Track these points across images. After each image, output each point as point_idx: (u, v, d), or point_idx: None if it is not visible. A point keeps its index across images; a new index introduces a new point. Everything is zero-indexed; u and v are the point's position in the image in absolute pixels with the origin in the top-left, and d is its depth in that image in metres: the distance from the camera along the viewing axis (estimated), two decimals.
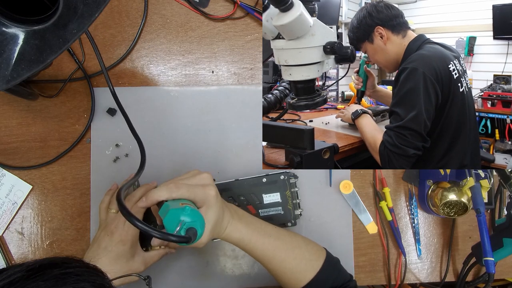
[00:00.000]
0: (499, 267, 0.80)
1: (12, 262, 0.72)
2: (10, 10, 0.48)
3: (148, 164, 0.75)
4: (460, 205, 0.72)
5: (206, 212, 0.52)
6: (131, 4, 0.77)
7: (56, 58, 0.49)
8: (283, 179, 0.70)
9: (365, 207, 0.78)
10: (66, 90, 0.75)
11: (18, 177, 0.73)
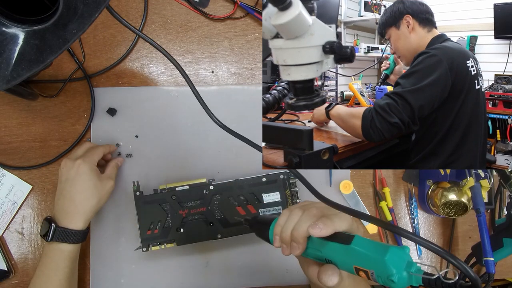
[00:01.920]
0: (499, 267, 0.80)
1: (12, 262, 0.73)
2: (10, 10, 0.48)
3: (148, 164, 0.75)
4: (460, 205, 0.72)
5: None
6: (131, 4, 0.77)
7: (56, 58, 0.49)
8: (283, 179, 0.70)
9: (365, 207, 0.78)
10: (66, 90, 0.75)
11: (18, 177, 0.73)
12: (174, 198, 0.69)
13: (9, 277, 0.72)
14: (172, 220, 0.69)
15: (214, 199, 0.70)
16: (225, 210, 0.70)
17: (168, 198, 0.69)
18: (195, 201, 0.70)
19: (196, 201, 0.70)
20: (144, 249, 0.68)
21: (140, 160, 0.75)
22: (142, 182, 0.71)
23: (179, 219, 0.69)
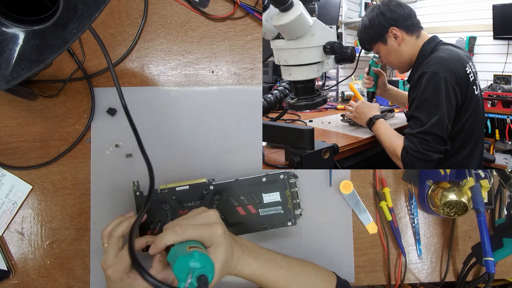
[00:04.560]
0: (499, 267, 0.80)
1: (12, 262, 0.72)
2: (10, 10, 0.48)
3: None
4: (460, 205, 0.72)
5: (214, 252, 0.51)
6: (131, 4, 0.77)
7: (56, 58, 0.49)
8: (283, 179, 0.70)
9: (365, 207, 0.78)
10: (66, 90, 0.75)
11: (18, 177, 0.73)
12: (174, 198, 0.69)
13: (9, 277, 0.72)
14: (172, 220, 0.69)
15: (214, 199, 0.70)
16: (225, 210, 0.70)
17: (168, 198, 0.69)
18: (195, 201, 0.69)
19: (196, 201, 0.69)
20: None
21: (140, 160, 0.74)
22: (142, 182, 0.71)
23: None
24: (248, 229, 0.70)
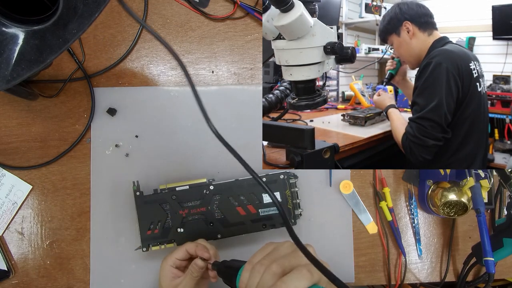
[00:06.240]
0: (499, 267, 0.80)
1: (12, 262, 0.72)
2: (10, 10, 0.48)
3: (148, 164, 0.75)
4: (460, 205, 0.72)
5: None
6: (131, 4, 0.77)
7: (56, 58, 0.49)
8: (283, 179, 0.70)
9: (365, 207, 0.78)
10: (66, 90, 0.75)
11: (18, 177, 0.73)
12: (174, 198, 0.69)
13: (9, 277, 0.72)
14: (172, 220, 0.69)
15: (214, 199, 0.70)
16: (225, 210, 0.70)
17: (168, 198, 0.69)
18: (195, 201, 0.69)
19: (196, 201, 0.69)
20: (144, 249, 0.68)
21: (140, 160, 0.75)
22: (142, 182, 0.71)
23: (179, 219, 0.69)
24: (248, 229, 0.70)
